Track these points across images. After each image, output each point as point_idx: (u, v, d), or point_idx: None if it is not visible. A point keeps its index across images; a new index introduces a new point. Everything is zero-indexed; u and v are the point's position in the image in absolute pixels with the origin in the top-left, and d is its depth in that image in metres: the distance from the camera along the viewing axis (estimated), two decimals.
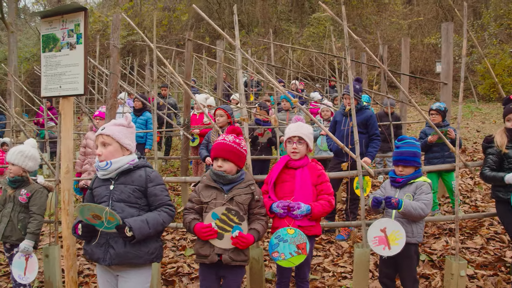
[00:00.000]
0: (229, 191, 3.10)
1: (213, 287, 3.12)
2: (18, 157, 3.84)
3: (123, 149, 2.86)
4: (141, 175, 2.84)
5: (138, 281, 2.82)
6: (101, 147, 2.83)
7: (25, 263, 3.76)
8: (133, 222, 2.65)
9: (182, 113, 11.82)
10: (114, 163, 2.78)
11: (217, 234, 2.97)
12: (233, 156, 3.11)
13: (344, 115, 5.54)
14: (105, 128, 2.84)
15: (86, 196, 2.97)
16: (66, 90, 3.11)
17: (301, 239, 3.16)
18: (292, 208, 3.20)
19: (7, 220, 3.82)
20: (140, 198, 2.82)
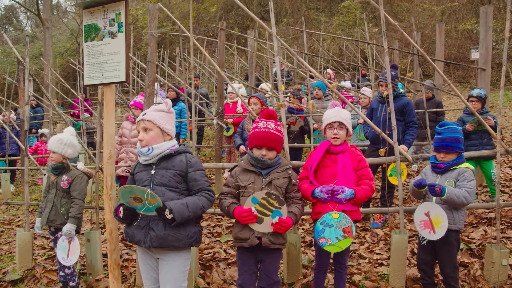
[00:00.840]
0: (267, 175, 3.14)
1: (252, 270, 3.18)
2: (57, 145, 3.98)
3: (164, 134, 2.93)
4: (182, 160, 2.89)
5: (178, 263, 2.89)
6: (142, 133, 2.90)
7: (68, 246, 3.90)
8: (174, 205, 2.71)
9: (214, 103, 11.98)
10: (156, 149, 2.85)
11: (257, 219, 3.01)
12: (277, 144, 3.15)
13: (381, 102, 5.48)
14: (146, 114, 2.91)
15: (128, 181, 3.05)
16: (108, 78, 3.18)
17: (347, 223, 3.16)
18: (336, 192, 3.21)
19: (51, 205, 3.98)
20: (180, 183, 2.87)
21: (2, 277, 4.64)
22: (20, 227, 6.62)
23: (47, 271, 4.63)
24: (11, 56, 23.53)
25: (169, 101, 2.98)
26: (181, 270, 2.90)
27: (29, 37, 20.10)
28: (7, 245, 5.87)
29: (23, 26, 30.87)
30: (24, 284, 4.51)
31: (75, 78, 20.01)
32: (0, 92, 16.53)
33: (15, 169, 7.47)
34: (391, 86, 5.24)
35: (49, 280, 4.48)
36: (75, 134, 4.14)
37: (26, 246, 4.77)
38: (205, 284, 4.02)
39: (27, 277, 4.60)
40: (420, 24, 18.20)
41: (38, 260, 4.97)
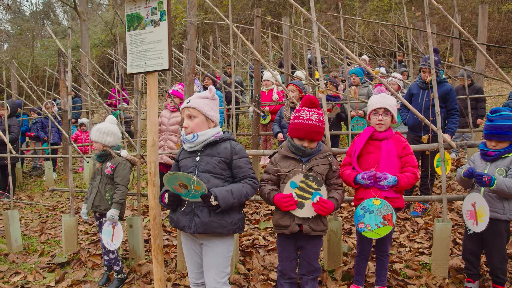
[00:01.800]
0: (307, 162, 3.13)
1: (292, 256, 3.19)
2: (96, 134, 4.08)
3: (209, 121, 2.93)
4: (227, 147, 2.90)
5: (222, 249, 2.91)
6: (187, 120, 2.92)
7: (112, 231, 4.01)
8: (219, 191, 2.72)
9: (248, 91, 11.98)
10: (201, 136, 2.86)
11: (297, 204, 3.00)
12: (319, 136, 3.11)
13: (422, 88, 5.33)
14: (190, 101, 2.92)
15: (172, 167, 3.10)
16: (151, 66, 3.22)
17: (388, 210, 3.12)
18: (379, 178, 3.17)
19: (96, 191, 4.10)
20: (225, 170, 2.89)
21: (51, 260, 4.83)
22: (64, 213, 6.86)
23: (91, 255, 4.78)
24: (49, 49, 24.24)
25: (213, 87, 2.99)
26: (224, 256, 2.92)
27: (66, 31, 20.50)
28: (53, 229, 6.09)
29: (60, 20, 31.71)
30: (70, 267, 4.68)
31: (110, 69, 20.45)
32: (41, 84, 17.09)
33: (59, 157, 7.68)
34: (434, 71, 5.14)
35: (93, 264, 4.62)
36: (115, 122, 4.22)
37: (71, 231, 4.94)
38: (245, 270, 4.05)
39: (73, 260, 4.76)
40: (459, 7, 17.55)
41: (82, 244, 5.14)
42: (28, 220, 6.68)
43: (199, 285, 3.09)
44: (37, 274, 4.58)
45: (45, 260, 4.92)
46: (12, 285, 4.42)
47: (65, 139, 8.34)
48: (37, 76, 21.18)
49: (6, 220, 5.31)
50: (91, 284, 4.21)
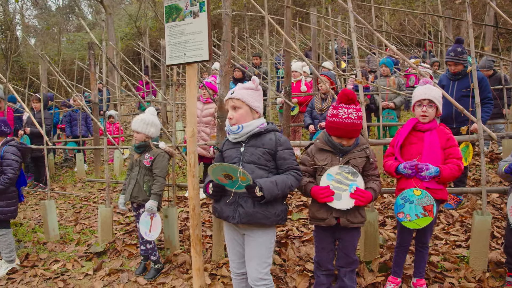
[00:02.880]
0: (344, 155, 3.09)
1: (329, 248, 3.18)
2: (140, 125, 4.11)
3: (253, 112, 2.93)
4: (271, 139, 2.89)
5: (264, 240, 2.91)
6: (231, 111, 2.92)
7: (150, 221, 4.07)
8: (264, 182, 2.72)
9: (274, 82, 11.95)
10: (246, 127, 2.87)
11: (334, 195, 2.97)
12: (358, 133, 3.07)
13: (451, 79, 5.23)
14: (234, 92, 2.92)
15: (216, 158, 3.11)
16: (190, 57, 3.24)
17: (428, 201, 3.08)
18: (420, 169, 3.15)
19: (134, 182, 4.15)
20: (269, 161, 2.88)
21: (88, 249, 4.95)
22: (96, 203, 7.00)
23: (127, 245, 4.87)
24: (75, 43, 24.61)
25: (256, 78, 2.98)
26: (267, 246, 2.93)
27: (91, 24, 20.82)
28: (87, 220, 6.22)
29: (85, 14, 32.19)
30: (107, 256, 4.78)
31: (134, 62, 20.67)
32: (68, 77, 17.37)
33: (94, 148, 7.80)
34: (460, 63, 5.02)
35: (129, 253, 4.71)
36: (155, 114, 4.27)
37: (107, 221, 5.03)
38: (281, 261, 4.07)
39: (109, 249, 4.86)
40: None
41: (117, 234, 5.23)
42: (63, 210, 6.84)
43: (240, 275, 3.11)
44: (75, 263, 4.69)
45: (82, 249, 5.04)
46: (53, 272, 4.55)
47: (95, 131, 8.48)
48: (64, 70, 21.54)
49: (44, 210, 5.44)
50: (128, 273, 4.29)
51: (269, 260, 2.96)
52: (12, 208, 4.75)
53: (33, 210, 7.14)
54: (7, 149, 4.71)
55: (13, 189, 4.76)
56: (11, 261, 4.74)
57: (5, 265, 4.71)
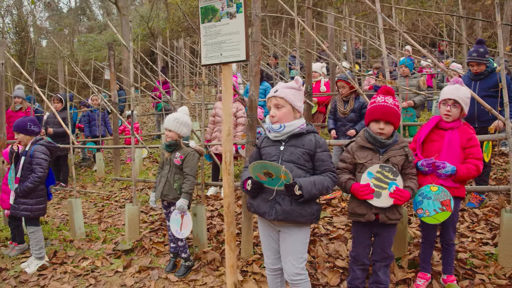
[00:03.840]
0: (384, 153, 3.16)
1: (366, 243, 3.26)
2: (174, 124, 4.18)
3: (295, 112, 2.98)
4: (311, 140, 2.94)
5: (300, 237, 2.97)
6: (274, 109, 2.98)
7: (181, 220, 4.14)
8: (303, 182, 2.78)
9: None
10: (288, 126, 2.92)
11: (374, 193, 3.05)
12: (395, 119, 3.14)
13: (473, 79, 5.26)
14: (278, 91, 2.97)
15: (253, 154, 3.18)
16: (227, 57, 3.29)
17: (445, 196, 3.16)
18: (437, 166, 3.22)
19: (164, 180, 4.22)
20: (308, 162, 2.93)
21: (116, 247, 5.02)
22: (118, 202, 7.09)
23: (154, 243, 4.94)
24: (87, 44, 24.82)
25: (299, 78, 3.03)
26: (302, 242, 2.99)
27: (102, 25, 20.92)
28: (110, 218, 6.31)
29: (95, 15, 32.46)
30: (134, 253, 4.85)
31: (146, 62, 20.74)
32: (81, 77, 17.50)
33: (122, 147, 7.85)
34: (483, 63, 5.05)
35: (157, 251, 4.78)
36: (188, 113, 4.33)
37: (134, 219, 5.11)
38: (310, 258, 4.12)
39: (137, 247, 4.94)
40: None
41: (143, 232, 5.30)
42: (85, 208, 6.92)
43: (275, 270, 3.17)
44: (104, 260, 4.77)
45: (109, 247, 5.12)
46: (82, 269, 4.62)
47: (115, 131, 8.58)
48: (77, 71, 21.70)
49: (70, 208, 5.53)
50: (158, 270, 4.35)
51: (305, 256, 3.02)
52: (41, 206, 4.85)
53: (55, 208, 7.24)
54: (37, 148, 4.81)
55: (42, 187, 4.86)
56: (41, 258, 4.83)
57: (35, 262, 4.80)
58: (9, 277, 4.68)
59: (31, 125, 4.89)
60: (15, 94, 8.52)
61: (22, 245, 5.35)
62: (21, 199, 4.76)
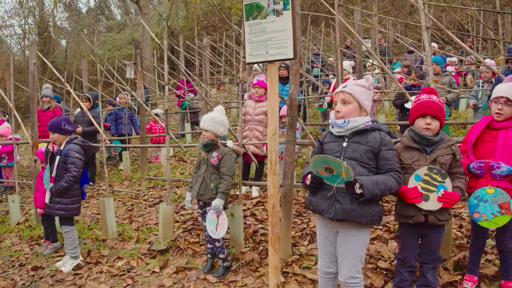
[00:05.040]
0: (431, 152, 3.07)
1: (415, 245, 3.18)
2: (210, 123, 4.13)
3: (361, 110, 2.90)
4: (376, 137, 2.85)
5: (359, 239, 2.88)
6: (340, 104, 2.90)
7: (217, 220, 4.09)
8: (364, 180, 2.69)
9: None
10: (352, 122, 2.84)
11: (422, 196, 2.96)
12: (441, 114, 3.07)
13: None
14: (347, 86, 2.89)
15: (315, 149, 3.11)
16: (273, 55, 3.22)
17: (503, 198, 3.04)
18: (492, 167, 3.10)
19: (201, 180, 4.18)
20: (371, 160, 2.84)
21: (150, 246, 5.00)
22: (146, 201, 7.08)
23: (190, 243, 4.90)
24: (107, 43, 24.99)
25: (370, 77, 2.96)
26: (361, 245, 2.91)
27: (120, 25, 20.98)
28: (141, 217, 6.30)
29: (114, 15, 32.70)
30: (170, 254, 4.82)
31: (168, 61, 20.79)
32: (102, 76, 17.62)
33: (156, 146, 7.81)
34: None
35: (193, 252, 4.74)
36: (224, 112, 4.28)
37: (168, 219, 5.08)
38: None
39: (171, 247, 4.91)
40: None
41: (177, 232, 5.27)
42: (114, 207, 6.92)
43: (329, 274, 3.10)
44: (139, 260, 4.75)
45: (143, 246, 5.10)
46: (118, 269, 4.61)
47: (142, 130, 8.59)
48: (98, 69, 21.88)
49: (103, 207, 5.54)
50: (196, 270, 4.31)
51: (362, 259, 2.95)
52: (75, 206, 4.85)
53: (84, 207, 7.26)
54: (71, 147, 4.81)
55: (76, 186, 4.87)
56: (76, 257, 4.83)
57: (70, 261, 4.81)
58: (45, 276, 4.71)
59: (65, 124, 4.89)
60: (43, 94, 8.57)
61: (55, 243, 5.38)
62: (56, 198, 4.77)
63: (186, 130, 10.91)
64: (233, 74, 13.26)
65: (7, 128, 8.97)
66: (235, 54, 14.45)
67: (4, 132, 8.81)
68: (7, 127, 8.99)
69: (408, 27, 15.68)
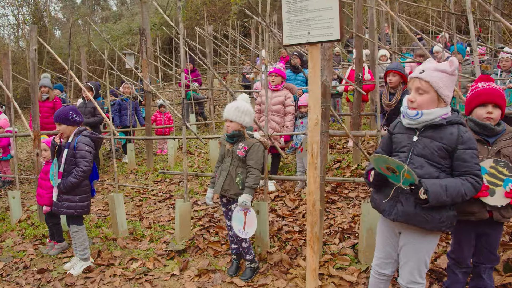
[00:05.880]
0: (493, 144, 2.78)
1: (471, 244, 2.93)
2: (235, 113, 3.78)
3: (440, 101, 2.50)
4: (453, 133, 2.46)
5: (425, 245, 2.59)
6: (414, 93, 2.54)
7: (244, 217, 3.76)
8: (431, 185, 2.35)
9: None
10: (426, 115, 2.48)
11: (489, 191, 2.69)
12: (502, 101, 2.79)
13: None
14: (424, 72, 2.50)
15: (383, 140, 2.81)
16: (316, 36, 2.87)
17: None
18: None
19: (225, 173, 3.83)
20: (444, 159, 2.48)
21: (167, 246, 4.66)
22: (155, 196, 6.73)
23: (210, 242, 4.57)
24: (103, 34, 24.38)
25: (455, 60, 2.51)
26: (427, 250, 2.60)
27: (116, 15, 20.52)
28: (151, 214, 5.95)
29: (110, 5, 32.02)
30: (188, 254, 4.49)
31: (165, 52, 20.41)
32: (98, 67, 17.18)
33: (174, 138, 7.41)
34: None
35: (215, 252, 4.41)
36: (249, 101, 3.93)
37: (186, 216, 4.74)
38: None
39: (190, 247, 4.57)
40: None
41: (193, 230, 4.94)
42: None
43: (382, 275, 2.84)
44: (156, 261, 4.41)
45: (158, 246, 4.77)
46: (133, 272, 4.27)
47: (147, 121, 8.21)
48: (95, 60, 21.43)
49: (112, 204, 5.17)
50: (220, 273, 3.98)
51: (427, 264, 2.65)
52: (85, 203, 4.49)
53: None
54: (80, 139, 4.42)
55: (86, 182, 4.50)
56: (86, 259, 4.48)
57: (79, 263, 4.46)
58: (53, 279, 4.36)
59: (73, 114, 4.48)
60: (41, 84, 8.12)
61: (62, 243, 5.03)
62: (64, 195, 4.40)
63: (191, 121, 10.54)
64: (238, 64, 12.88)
65: (5, 119, 8.60)
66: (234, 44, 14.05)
67: (3, 124, 8.41)
68: (5, 119, 8.62)
69: (415, 15, 15.33)
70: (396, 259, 2.79)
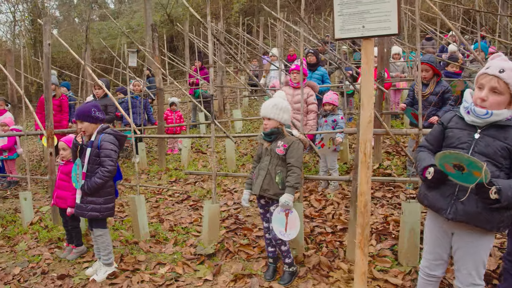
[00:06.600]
0: None
1: None
2: (273, 110, 3.63)
3: (510, 103, 2.39)
4: None
5: (481, 247, 2.48)
6: (488, 92, 2.38)
7: (285, 218, 3.61)
8: (504, 184, 2.24)
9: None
10: (495, 115, 2.35)
11: None
12: None
13: None
14: (504, 72, 2.35)
15: (433, 132, 2.68)
16: (371, 30, 2.72)
17: None
18: None
19: (264, 173, 3.67)
20: (505, 159, 2.37)
21: (195, 250, 4.49)
22: (172, 196, 6.56)
23: (242, 245, 4.40)
24: (102, 32, 24.19)
25: None
26: (485, 249, 2.49)
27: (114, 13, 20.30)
28: (171, 215, 5.78)
29: (107, 4, 31.69)
30: (218, 258, 4.32)
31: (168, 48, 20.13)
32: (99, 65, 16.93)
33: (200, 137, 7.18)
34: None
35: (247, 255, 4.25)
36: (285, 98, 3.79)
37: (215, 219, 4.57)
38: None
39: (219, 251, 4.41)
40: None
41: (221, 233, 4.77)
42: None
43: (431, 276, 2.73)
44: (185, 266, 4.23)
45: (185, 250, 4.59)
46: (162, 277, 4.10)
47: (159, 119, 8.03)
48: (94, 58, 21.16)
49: (133, 206, 4.99)
50: (257, 278, 3.82)
51: (485, 264, 2.53)
52: (110, 205, 4.30)
53: None
54: (104, 137, 4.22)
55: (110, 183, 4.30)
56: (110, 264, 4.30)
57: (103, 269, 4.27)
58: (75, 286, 4.16)
59: (95, 111, 4.26)
60: None
61: (80, 247, 4.83)
62: (88, 197, 4.21)
63: (200, 120, 10.37)
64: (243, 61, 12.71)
65: (10, 118, 8.42)
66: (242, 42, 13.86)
67: (8, 121, 8.21)
68: (10, 117, 8.44)
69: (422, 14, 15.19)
70: (446, 260, 2.69)
